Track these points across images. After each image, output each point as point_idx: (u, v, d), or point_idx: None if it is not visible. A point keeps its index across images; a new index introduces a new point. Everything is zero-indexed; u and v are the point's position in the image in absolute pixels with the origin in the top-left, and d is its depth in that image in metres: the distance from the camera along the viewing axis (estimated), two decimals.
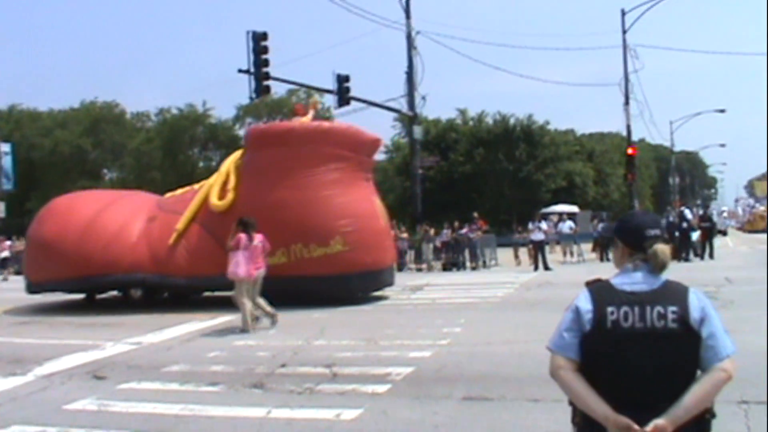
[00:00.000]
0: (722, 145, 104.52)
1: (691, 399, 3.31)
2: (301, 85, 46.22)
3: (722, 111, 79.33)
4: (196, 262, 19.44)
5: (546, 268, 30.46)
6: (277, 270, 17.85)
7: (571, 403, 3.56)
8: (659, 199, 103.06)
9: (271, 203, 19.25)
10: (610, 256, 25.00)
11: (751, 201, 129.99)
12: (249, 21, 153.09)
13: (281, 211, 19.06)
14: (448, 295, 21.91)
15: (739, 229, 77.26)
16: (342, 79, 34.38)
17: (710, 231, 35.67)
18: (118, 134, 76.18)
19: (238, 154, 21.81)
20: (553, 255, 36.07)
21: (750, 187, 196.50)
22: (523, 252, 35.19)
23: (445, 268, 33.69)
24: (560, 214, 46.85)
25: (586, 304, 3.48)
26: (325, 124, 23.20)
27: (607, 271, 3.64)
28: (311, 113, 22.31)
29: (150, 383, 10.74)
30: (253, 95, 31.77)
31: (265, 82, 30.83)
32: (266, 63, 30.33)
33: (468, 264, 33.79)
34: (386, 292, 21.95)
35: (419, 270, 33.70)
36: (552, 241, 37.56)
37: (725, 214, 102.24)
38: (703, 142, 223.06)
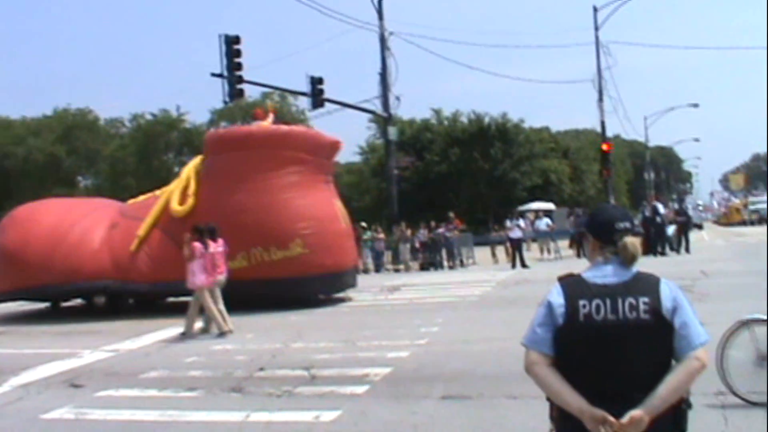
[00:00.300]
0: (696, 140, 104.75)
1: (666, 389, 3.32)
2: (275, 88, 46.19)
3: (695, 106, 79.74)
4: (159, 268, 19.38)
5: (523, 265, 30.54)
6: (238, 274, 18.07)
7: (548, 399, 3.56)
8: (635, 194, 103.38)
9: (231, 207, 19.33)
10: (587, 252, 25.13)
11: (727, 194, 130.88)
12: (221, 24, 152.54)
13: (241, 215, 19.18)
14: (425, 294, 21.93)
15: (715, 222, 77.73)
16: (316, 81, 34.32)
17: (686, 225, 35.87)
18: (92, 141, 75.64)
19: (198, 159, 21.88)
20: (530, 252, 36.16)
21: (725, 181, 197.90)
22: (500, 250, 35.27)
23: (423, 267, 33.70)
24: (537, 211, 46.97)
25: (558, 298, 3.48)
26: (284, 127, 23.28)
27: (584, 267, 3.65)
28: (271, 117, 22.39)
29: (128, 390, 10.69)
30: (227, 99, 31.66)
31: (239, 86, 30.73)
32: (239, 66, 30.25)
33: (445, 263, 33.82)
34: (362, 293, 21.98)
35: (397, 270, 33.70)
36: (528, 238, 37.65)
37: (701, 208, 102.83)
38: (677, 137, 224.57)
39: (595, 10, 45.73)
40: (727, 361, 7.88)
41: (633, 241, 3.56)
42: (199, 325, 15.87)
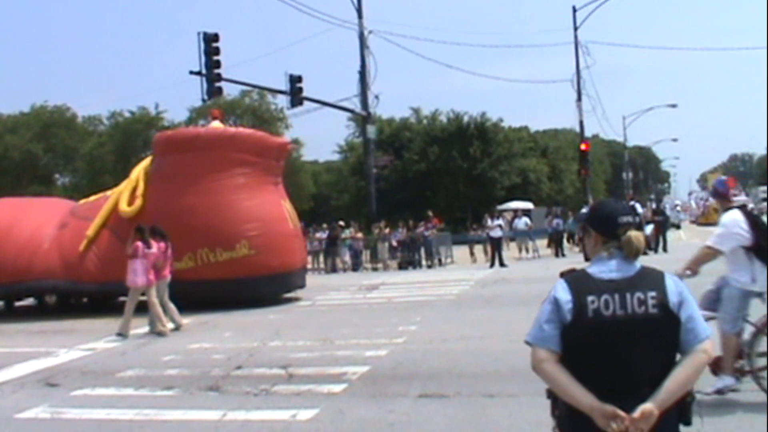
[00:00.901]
0: (674, 140, 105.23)
1: (675, 382, 3.34)
2: (254, 86, 46.12)
3: (674, 106, 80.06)
4: (107, 267, 19.34)
5: (501, 264, 30.61)
6: (184, 274, 18.44)
7: (549, 396, 3.56)
8: (613, 194, 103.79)
9: (178, 209, 19.51)
10: (566, 251, 25.19)
11: (704, 194, 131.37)
12: (200, 22, 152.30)
13: (188, 217, 19.36)
14: (403, 293, 21.94)
15: (693, 222, 78.00)
16: (294, 80, 34.29)
17: (663, 224, 36.12)
18: (69, 138, 75.15)
19: (148, 160, 22.07)
20: (508, 252, 36.24)
21: (703, 181, 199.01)
22: (479, 249, 35.33)
23: (401, 266, 33.73)
24: (515, 210, 47.06)
25: (564, 294, 3.44)
26: (230, 129, 23.92)
27: (562, 266, 3.63)
28: (216, 122, 22.77)
29: (104, 389, 10.63)
30: (205, 97, 31.58)
31: (217, 84, 30.66)
32: (218, 64, 30.17)
33: (423, 262, 33.89)
34: (340, 292, 21.98)
35: (375, 269, 33.72)
36: (506, 237, 37.73)
37: (678, 208, 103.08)
38: (655, 136, 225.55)
39: (575, 10, 45.86)
40: None
41: (637, 235, 3.54)
42: (144, 329, 15.95)
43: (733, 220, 7.96)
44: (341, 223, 37.44)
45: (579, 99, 46.85)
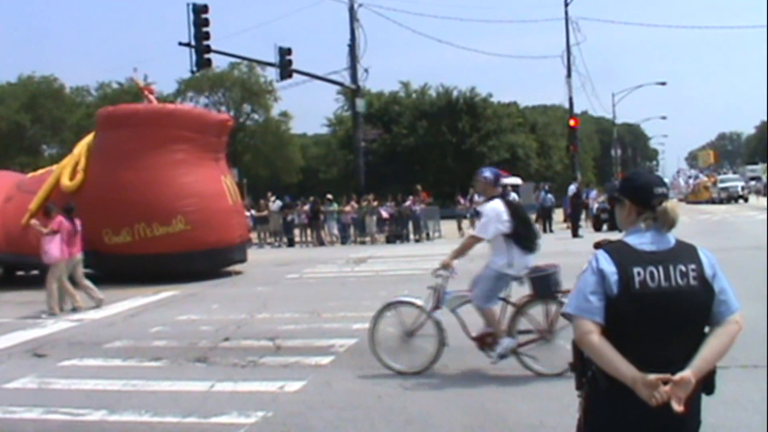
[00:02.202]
0: (663, 118, 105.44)
1: (711, 351, 3.38)
2: (243, 58, 46.00)
3: (663, 83, 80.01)
4: None
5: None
6: (122, 248, 19.20)
7: (574, 369, 3.57)
8: (601, 170, 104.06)
9: (117, 184, 19.83)
10: (553, 227, 25.24)
11: (693, 172, 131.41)
12: None
13: (126, 192, 19.65)
14: (391, 267, 21.98)
15: (681, 200, 77.99)
16: (284, 52, 34.18)
17: None
18: (57, 109, 74.60)
19: (91, 135, 22.22)
20: None
21: (691, 159, 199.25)
22: (467, 224, 35.34)
23: (389, 240, 33.75)
24: (504, 186, 47.03)
25: (608, 266, 3.42)
26: (169, 106, 24.37)
27: (550, 242, 3.65)
28: (152, 97, 22.91)
29: (92, 360, 10.66)
30: (194, 69, 31.49)
31: (206, 56, 30.56)
32: (207, 36, 30.05)
33: (411, 236, 33.90)
34: (327, 265, 21.98)
35: (363, 243, 33.75)
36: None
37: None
38: (644, 114, 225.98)
39: None
40: (377, 336, 9.12)
41: (673, 206, 3.55)
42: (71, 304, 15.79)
43: (495, 209, 8.84)
44: (329, 196, 37.43)
45: (569, 75, 46.86)
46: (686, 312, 3.39)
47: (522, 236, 8.72)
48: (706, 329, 3.46)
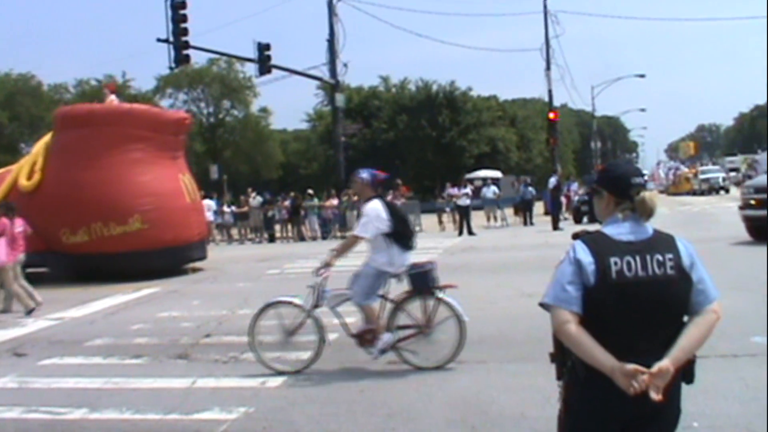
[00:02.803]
0: (642, 110, 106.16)
1: (689, 341, 3.39)
2: (222, 54, 45.88)
3: (642, 76, 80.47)
4: None
5: (470, 233, 30.70)
6: (78, 248, 19.32)
7: (554, 360, 3.59)
8: (581, 163, 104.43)
9: (74, 183, 19.85)
10: (534, 220, 25.26)
11: (673, 163, 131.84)
12: None
13: (83, 191, 19.69)
14: None
15: (662, 192, 78.19)
16: (263, 48, 34.12)
17: None
18: (35, 107, 74.14)
19: (49, 135, 22.25)
20: (477, 220, 36.37)
21: (671, 150, 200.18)
22: (447, 218, 35.41)
23: None
24: (484, 179, 47.22)
25: (585, 256, 3.43)
26: (125, 105, 23.99)
27: (530, 235, 3.65)
28: (112, 96, 22.86)
29: (72, 358, 10.61)
30: (173, 65, 31.40)
31: (185, 52, 30.49)
32: (185, 32, 29.95)
33: None
34: (309, 260, 21.90)
35: (343, 237, 33.64)
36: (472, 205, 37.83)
37: (647, 178, 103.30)
38: (623, 106, 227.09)
39: None
40: (258, 335, 9.23)
41: (651, 195, 3.56)
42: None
43: (374, 209, 8.96)
44: (310, 191, 37.35)
45: (548, 68, 47.08)
46: (664, 301, 3.40)
47: (401, 235, 9.00)
48: (685, 319, 3.47)
